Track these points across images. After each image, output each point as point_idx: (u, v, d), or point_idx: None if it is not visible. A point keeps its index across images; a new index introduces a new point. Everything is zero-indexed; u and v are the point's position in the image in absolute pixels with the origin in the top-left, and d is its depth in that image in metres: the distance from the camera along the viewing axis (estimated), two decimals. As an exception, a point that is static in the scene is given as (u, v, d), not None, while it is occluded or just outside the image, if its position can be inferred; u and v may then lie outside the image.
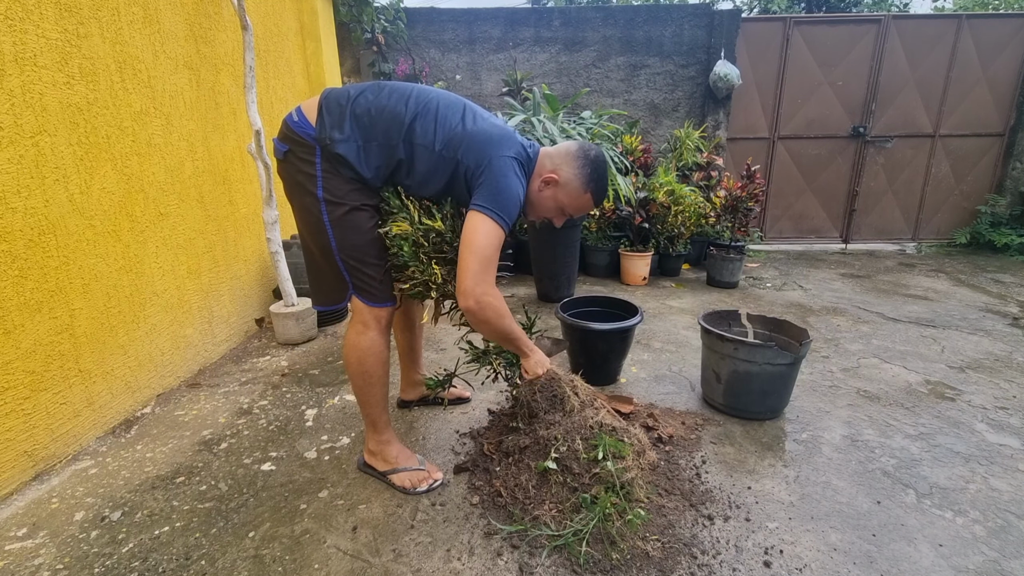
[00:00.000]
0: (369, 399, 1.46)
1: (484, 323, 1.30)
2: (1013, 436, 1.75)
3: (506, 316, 1.33)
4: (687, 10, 4.36)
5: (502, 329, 1.34)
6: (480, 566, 1.20)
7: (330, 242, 1.32)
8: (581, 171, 1.36)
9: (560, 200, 1.40)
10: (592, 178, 1.37)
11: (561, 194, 1.39)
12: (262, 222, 2.68)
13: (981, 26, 4.49)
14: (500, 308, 1.30)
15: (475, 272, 1.23)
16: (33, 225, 1.52)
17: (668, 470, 1.52)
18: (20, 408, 1.50)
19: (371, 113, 1.27)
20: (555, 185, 1.38)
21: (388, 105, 1.28)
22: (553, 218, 1.47)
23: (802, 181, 4.91)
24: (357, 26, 3.95)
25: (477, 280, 1.23)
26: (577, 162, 1.36)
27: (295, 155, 1.30)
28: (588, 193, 1.39)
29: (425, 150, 1.28)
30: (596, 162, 1.37)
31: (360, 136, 1.27)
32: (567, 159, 1.37)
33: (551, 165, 1.38)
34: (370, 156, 1.28)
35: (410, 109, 1.28)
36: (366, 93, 1.30)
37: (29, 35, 1.50)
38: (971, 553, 1.24)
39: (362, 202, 1.31)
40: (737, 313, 2.03)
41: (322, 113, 1.28)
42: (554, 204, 1.41)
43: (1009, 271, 4.06)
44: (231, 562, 1.22)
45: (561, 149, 1.40)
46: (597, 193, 1.40)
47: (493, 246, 1.25)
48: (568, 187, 1.38)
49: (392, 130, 1.27)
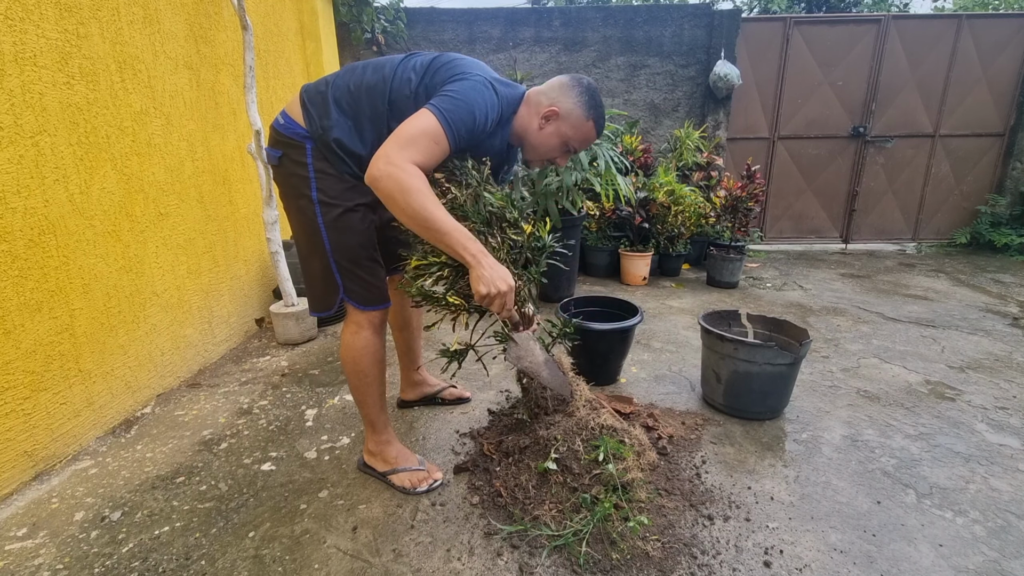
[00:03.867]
0: (367, 399, 1.46)
1: (390, 196, 1.09)
2: (1013, 436, 1.75)
3: (418, 191, 1.08)
4: (687, 10, 4.36)
5: (415, 206, 1.08)
6: (480, 566, 1.20)
7: (324, 244, 1.31)
8: (580, 99, 1.33)
9: (564, 133, 1.36)
10: (591, 105, 1.34)
11: (564, 127, 1.35)
12: (262, 222, 2.68)
13: (981, 26, 4.49)
14: (409, 180, 1.07)
15: (388, 147, 1.10)
16: (33, 225, 1.52)
17: (668, 470, 1.52)
18: (20, 408, 1.50)
19: (351, 92, 1.27)
20: (557, 119, 1.34)
21: (367, 79, 1.28)
22: (557, 157, 1.42)
23: (802, 181, 4.91)
24: (357, 26, 3.95)
25: (386, 148, 1.10)
26: (574, 91, 1.33)
27: (289, 159, 1.30)
28: (591, 121, 1.35)
29: (406, 100, 1.25)
30: (591, 90, 1.34)
31: (348, 117, 1.27)
32: (563, 91, 1.34)
33: (548, 101, 1.34)
34: (364, 133, 1.27)
35: (388, 74, 1.27)
36: (343, 76, 1.30)
37: (29, 35, 1.50)
38: (971, 553, 1.24)
39: (356, 202, 1.31)
40: (737, 313, 2.03)
41: (306, 107, 1.28)
42: (558, 140, 1.37)
43: (1009, 271, 4.06)
44: (231, 562, 1.22)
45: (553, 84, 1.36)
46: (599, 120, 1.36)
47: (424, 131, 1.11)
48: (571, 118, 1.34)
49: (377, 99, 1.26)
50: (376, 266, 1.38)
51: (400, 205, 1.09)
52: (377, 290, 1.39)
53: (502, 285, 1.14)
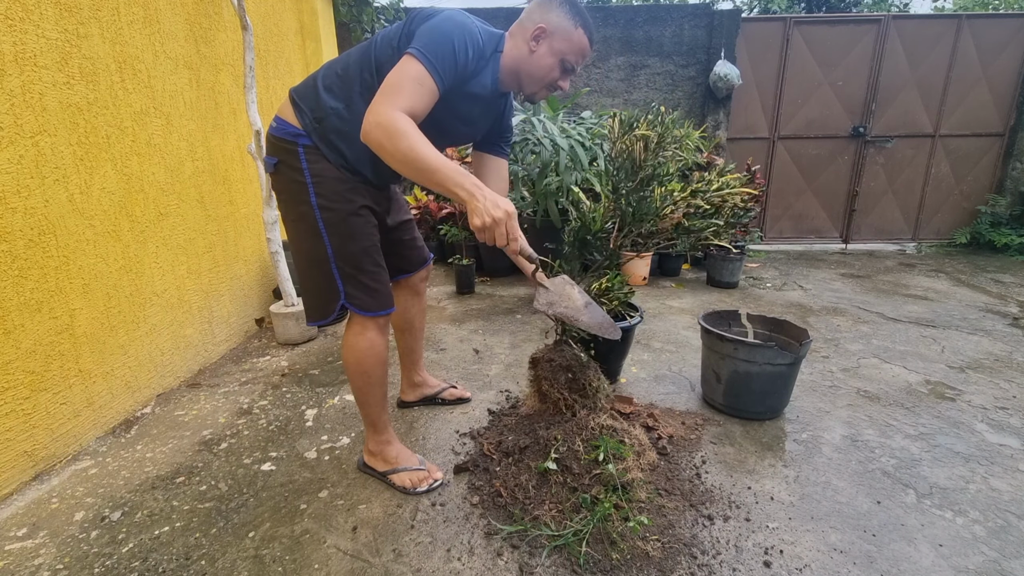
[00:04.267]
0: (368, 400, 1.45)
1: (379, 148, 1.10)
2: (1013, 436, 1.75)
3: (405, 134, 1.06)
4: (687, 10, 4.36)
5: (404, 150, 1.06)
6: (480, 566, 1.20)
7: (327, 250, 1.30)
8: (562, 9, 1.30)
9: (558, 48, 1.32)
10: (575, 13, 1.31)
11: (555, 42, 1.31)
12: (262, 222, 2.68)
13: (981, 26, 4.50)
14: (393, 126, 1.06)
15: (375, 100, 1.11)
16: (33, 225, 1.52)
17: (668, 470, 1.52)
18: (20, 408, 1.50)
19: (340, 75, 1.28)
20: (546, 36, 1.31)
21: (353, 57, 1.29)
22: (558, 79, 1.37)
23: (802, 181, 4.91)
24: (357, 26, 3.95)
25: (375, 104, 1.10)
26: (554, 3, 1.30)
27: (285, 165, 1.30)
28: (580, 28, 1.31)
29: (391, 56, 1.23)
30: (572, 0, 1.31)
31: (340, 99, 1.27)
32: (544, 7, 1.31)
33: (532, 23, 1.31)
34: (355, 109, 1.26)
35: (372, 44, 1.28)
36: (330, 64, 1.32)
37: (29, 35, 1.50)
38: (971, 553, 1.24)
39: (358, 204, 1.31)
40: (737, 313, 2.03)
41: (297, 104, 1.28)
42: (553, 58, 1.33)
43: (1009, 271, 4.06)
44: (231, 562, 1.22)
45: (532, 7, 1.33)
46: (587, 27, 1.33)
47: (408, 76, 1.12)
48: (560, 31, 1.30)
49: (365, 71, 1.27)
50: (380, 271, 1.37)
51: (389, 151, 1.08)
52: (381, 295, 1.37)
53: (497, 212, 1.07)
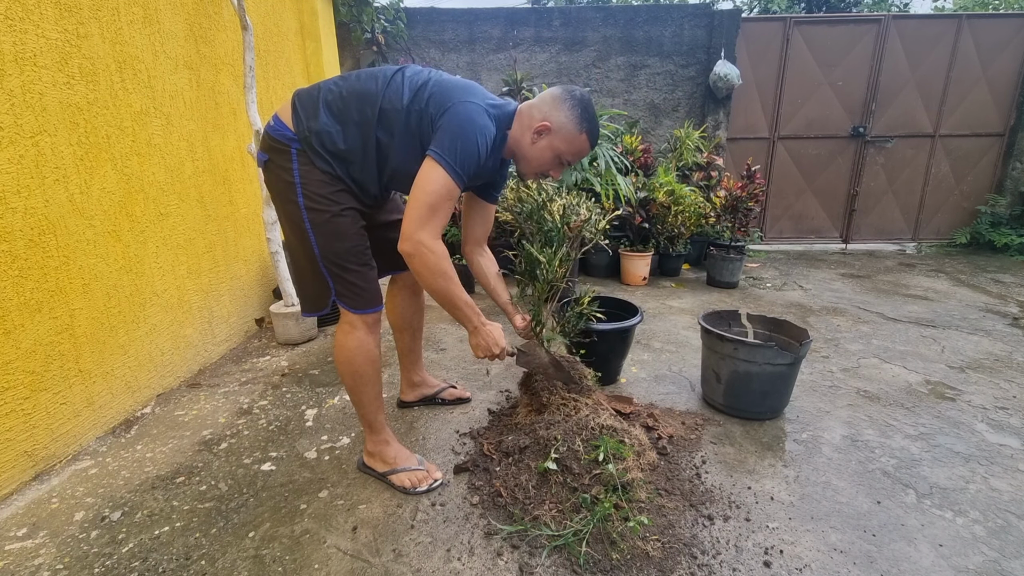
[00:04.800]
0: (362, 399, 1.46)
1: (419, 274, 1.26)
2: (1013, 436, 1.75)
3: (443, 274, 1.26)
4: (687, 10, 4.36)
5: (439, 287, 1.27)
6: (480, 566, 1.20)
7: (313, 248, 1.31)
8: (572, 112, 1.32)
9: (557, 147, 1.35)
10: (584, 118, 1.33)
11: (557, 140, 1.34)
12: (262, 222, 2.68)
13: (981, 26, 4.49)
14: (438, 263, 1.24)
15: (416, 218, 1.21)
16: (33, 225, 1.52)
17: (668, 470, 1.52)
18: (20, 408, 1.50)
19: (343, 96, 1.28)
20: (549, 133, 1.34)
21: (359, 86, 1.29)
22: (551, 170, 1.42)
23: (802, 181, 4.91)
24: (357, 26, 3.95)
25: (416, 225, 1.21)
26: (566, 104, 1.32)
27: (274, 163, 1.30)
28: (584, 134, 1.34)
29: (395, 113, 1.27)
30: (584, 101, 1.33)
31: (336, 121, 1.27)
32: (555, 104, 1.33)
33: (540, 115, 1.34)
34: (349, 138, 1.28)
35: (381, 83, 1.28)
36: (336, 81, 1.32)
37: (29, 35, 1.50)
38: (971, 553, 1.24)
39: (343, 206, 1.31)
40: (737, 313, 2.03)
41: (296, 110, 1.29)
42: (551, 154, 1.36)
43: (1009, 271, 4.06)
44: (231, 562, 1.22)
45: (545, 97, 1.36)
46: (592, 133, 1.35)
47: (441, 196, 1.21)
48: (563, 131, 1.33)
49: (366, 105, 1.27)
50: (367, 270, 1.37)
51: (428, 281, 1.27)
52: (368, 293, 1.38)
53: (494, 348, 1.44)
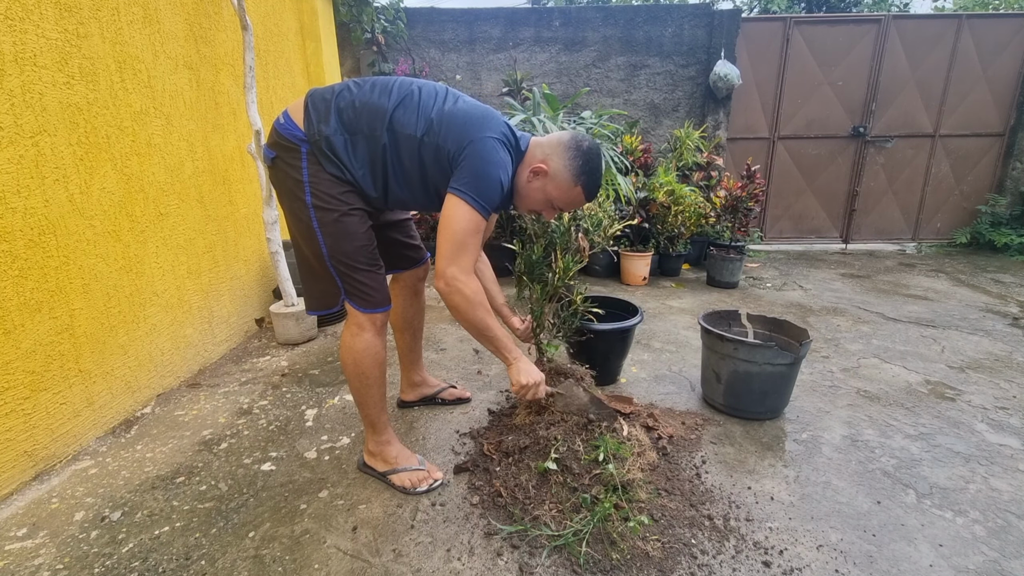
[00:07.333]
0: (367, 400, 1.45)
1: (454, 309, 1.28)
2: (1013, 436, 1.75)
3: (478, 307, 1.27)
4: (687, 10, 4.36)
5: (475, 320, 1.29)
6: (480, 566, 1.20)
7: (321, 248, 1.31)
8: (572, 163, 1.29)
9: (549, 193, 1.33)
10: (583, 171, 1.30)
11: (550, 186, 1.32)
12: (262, 222, 2.68)
13: (981, 26, 4.49)
14: (472, 297, 1.26)
15: (448, 255, 1.24)
16: (33, 225, 1.52)
17: (668, 470, 1.52)
18: (20, 408, 1.50)
19: (355, 106, 1.27)
20: (543, 176, 1.32)
21: (371, 99, 1.28)
22: (542, 211, 1.41)
23: (802, 181, 4.91)
24: (357, 26, 3.95)
25: (447, 262, 1.24)
26: (568, 153, 1.29)
27: (283, 160, 1.30)
28: (578, 187, 1.31)
29: (408, 140, 1.27)
30: (588, 154, 1.30)
31: (345, 130, 1.27)
32: (557, 149, 1.31)
33: (541, 155, 1.32)
34: (357, 149, 1.28)
35: (392, 100, 1.27)
36: (350, 87, 1.31)
37: (29, 35, 1.50)
38: (971, 553, 1.24)
39: (351, 206, 1.30)
40: (737, 313, 2.03)
41: (308, 111, 1.28)
42: (543, 197, 1.35)
43: (1009, 271, 4.06)
44: (231, 562, 1.22)
45: (553, 139, 1.33)
46: (588, 187, 1.32)
47: (468, 231, 1.23)
48: (557, 179, 1.31)
49: (376, 121, 1.26)
50: (375, 270, 1.37)
51: (465, 315, 1.28)
52: (377, 293, 1.38)
53: (534, 379, 1.37)
